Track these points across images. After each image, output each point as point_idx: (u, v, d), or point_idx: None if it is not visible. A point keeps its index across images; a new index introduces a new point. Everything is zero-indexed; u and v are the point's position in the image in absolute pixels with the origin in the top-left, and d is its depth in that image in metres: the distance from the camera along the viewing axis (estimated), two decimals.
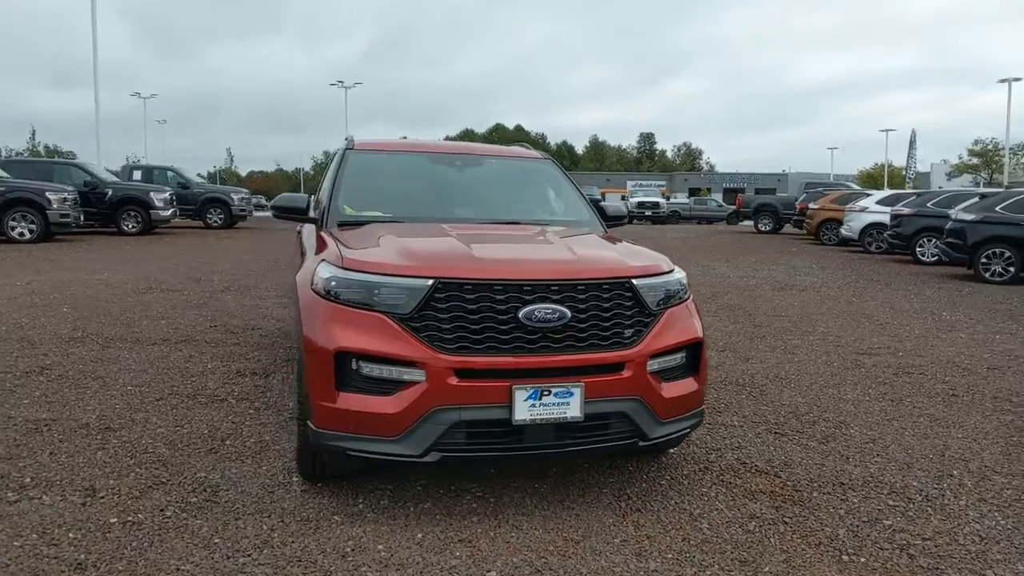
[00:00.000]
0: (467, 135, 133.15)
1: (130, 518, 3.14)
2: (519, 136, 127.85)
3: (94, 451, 3.89)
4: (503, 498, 3.44)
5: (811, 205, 22.45)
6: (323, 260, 3.40)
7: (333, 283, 3.20)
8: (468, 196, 4.70)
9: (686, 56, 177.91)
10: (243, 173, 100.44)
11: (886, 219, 18.13)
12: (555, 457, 3.41)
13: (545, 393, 3.05)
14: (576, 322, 3.14)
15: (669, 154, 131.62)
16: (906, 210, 16.38)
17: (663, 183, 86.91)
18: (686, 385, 3.44)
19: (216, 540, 2.98)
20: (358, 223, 4.10)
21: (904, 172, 42.58)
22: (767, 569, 2.88)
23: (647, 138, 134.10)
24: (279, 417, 4.52)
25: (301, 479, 3.57)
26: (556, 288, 3.15)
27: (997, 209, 12.65)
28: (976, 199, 13.60)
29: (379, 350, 3.02)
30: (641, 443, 3.29)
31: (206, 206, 22.60)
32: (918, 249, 15.93)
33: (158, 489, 3.44)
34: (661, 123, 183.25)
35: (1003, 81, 38.16)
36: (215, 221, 22.67)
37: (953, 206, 15.21)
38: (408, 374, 3.02)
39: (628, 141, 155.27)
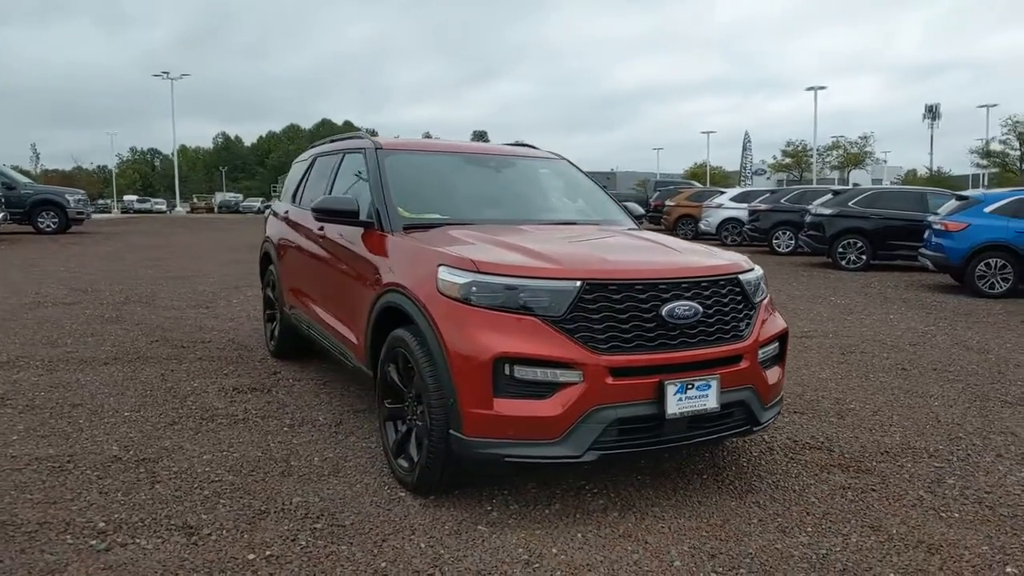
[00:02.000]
0: (293, 130, 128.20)
1: (268, 552, 2.88)
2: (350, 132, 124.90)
3: (150, 485, 3.49)
4: (620, 493, 3.51)
5: (667, 202, 24.00)
6: (442, 264, 3.28)
7: (474, 288, 3.11)
8: (515, 197, 4.67)
9: (516, 56, 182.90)
10: (35, 171, 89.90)
11: (740, 214, 19.82)
12: (687, 446, 3.52)
13: (689, 387, 3.17)
14: (705, 317, 3.28)
15: None
16: (763, 206, 18.02)
17: None
18: (777, 373, 3.68)
19: (383, 564, 2.81)
20: (424, 226, 3.97)
21: (740, 171, 46.55)
22: (894, 531, 3.18)
23: (480, 136, 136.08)
24: (323, 433, 4.27)
25: (412, 494, 3.42)
26: (686, 286, 3.27)
27: (850, 204, 14.28)
28: (830, 196, 15.23)
29: (539, 353, 2.99)
30: (754, 428, 3.50)
31: (37, 209, 20.11)
32: (775, 241, 17.58)
33: (266, 518, 3.17)
34: (493, 121, 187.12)
35: (810, 89, 42.83)
36: (48, 226, 20.21)
37: (803, 202, 16.94)
38: (565, 375, 3.01)
39: (461, 139, 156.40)
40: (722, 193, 23.00)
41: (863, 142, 59.73)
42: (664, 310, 3.16)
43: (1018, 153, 49.18)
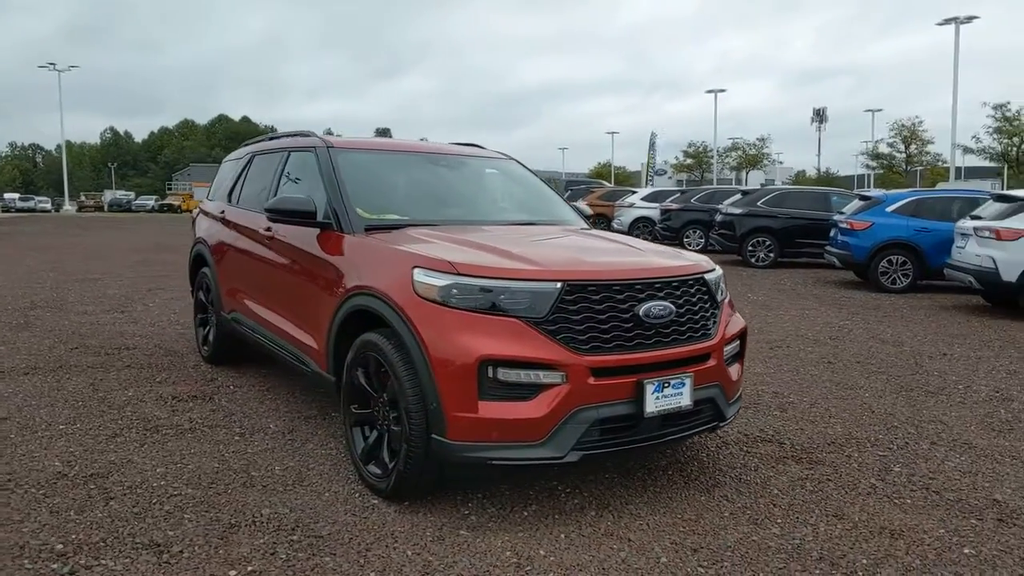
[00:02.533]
0: (187, 125, 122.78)
1: (249, 568, 2.75)
2: (249, 129, 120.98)
3: (104, 502, 3.27)
4: (593, 492, 3.54)
5: (580, 202, 24.39)
6: (417, 266, 3.21)
7: (454, 290, 3.07)
8: (471, 197, 4.63)
9: (420, 52, 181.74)
10: None
11: (652, 214, 20.38)
12: (660, 445, 3.58)
13: (665, 385, 3.23)
14: (678, 317, 3.36)
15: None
16: (675, 205, 18.61)
17: None
18: (738, 370, 3.81)
19: (371, 574, 2.73)
20: (386, 227, 3.89)
21: (647, 171, 47.81)
22: (856, 519, 3.34)
23: (384, 133, 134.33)
24: (277, 441, 4.11)
25: (385, 502, 3.34)
26: (659, 286, 3.34)
27: (759, 204, 14.93)
28: (739, 196, 15.87)
29: (523, 355, 2.98)
30: (720, 424, 3.61)
31: None
32: (685, 239, 18.16)
33: (238, 532, 3.02)
34: (396, 119, 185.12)
35: (710, 92, 44.48)
36: None
37: (712, 202, 17.59)
38: (548, 377, 3.01)
39: (365, 135, 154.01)
40: (633, 193, 23.59)
41: (761, 144, 62.76)
42: (641, 310, 3.21)
43: (903, 155, 52.77)
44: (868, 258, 11.37)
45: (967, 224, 9.57)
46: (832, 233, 12.34)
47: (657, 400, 3.20)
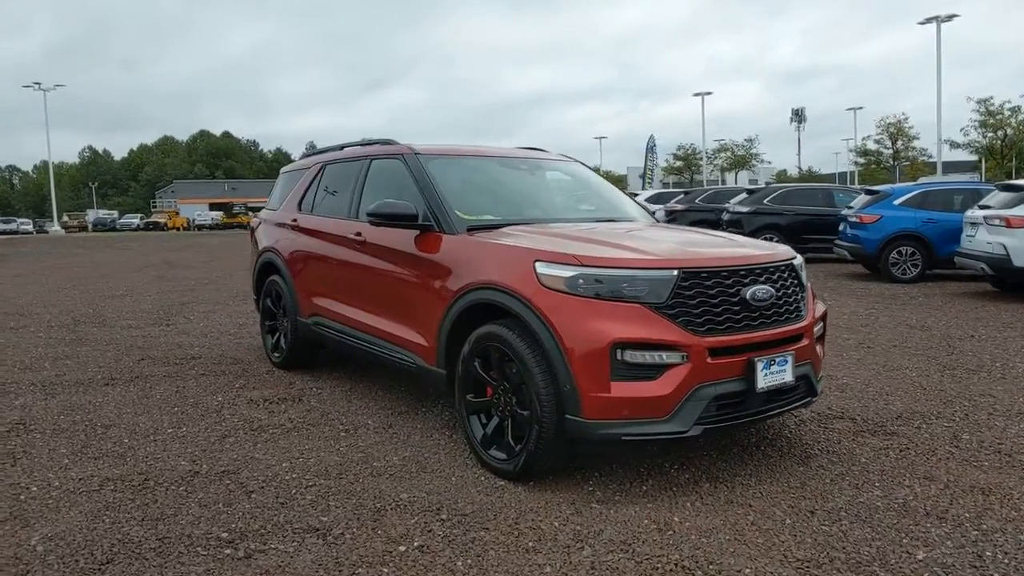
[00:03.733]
0: (168, 142, 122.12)
1: (416, 543, 2.96)
2: (231, 144, 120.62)
3: (246, 495, 3.45)
4: (700, 467, 3.78)
5: None
6: (538, 260, 3.45)
7: (581, 280, 3.30)
8: (551, 197, 4.88)
9: (408, 63, 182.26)
10: None
11: (656, 215, 20.67)
12: (766, 419, 3.81)
13: (772, 362, 3.49)
14: (776, 300, 3.61)
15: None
16: (680, 206, 18.97)
17: None
18: (822, 350, 4.07)
19: (529, 543, 2.95)
20: (486, 227, 4.12)
21: (645, 174, 48.42)
22: (946, 479, 3.61)
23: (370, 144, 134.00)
24: (382, 436, 4.31)
25: (512, 483, 3.56)
26: (759, 271, 3.60)
27: (765, 202, 15.31)
28: (744, 194, 16.25)
29: (649, 337, 3.22)
30: (812, 399, 3.86)
31: None
32: None
33: (386, 515, 3.22)
34: (382, 130, 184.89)
35: (697, 95, 45.18)
36: None
37: (716, 202, 17.96)
38: (672, 357, 3.25)
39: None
40: (636, 195, 23.93)
41: (748, 144, 63.68)
42: (747, 294, 3.47)
43: (890, 151, 53.76)
44: (879, 250, 11.73)
45: (977, 213, 9.94)
46: (841, 227, 12.70)
47: (766, 376, 3.45)
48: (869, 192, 12.86)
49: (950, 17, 26.74)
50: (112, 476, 3.67)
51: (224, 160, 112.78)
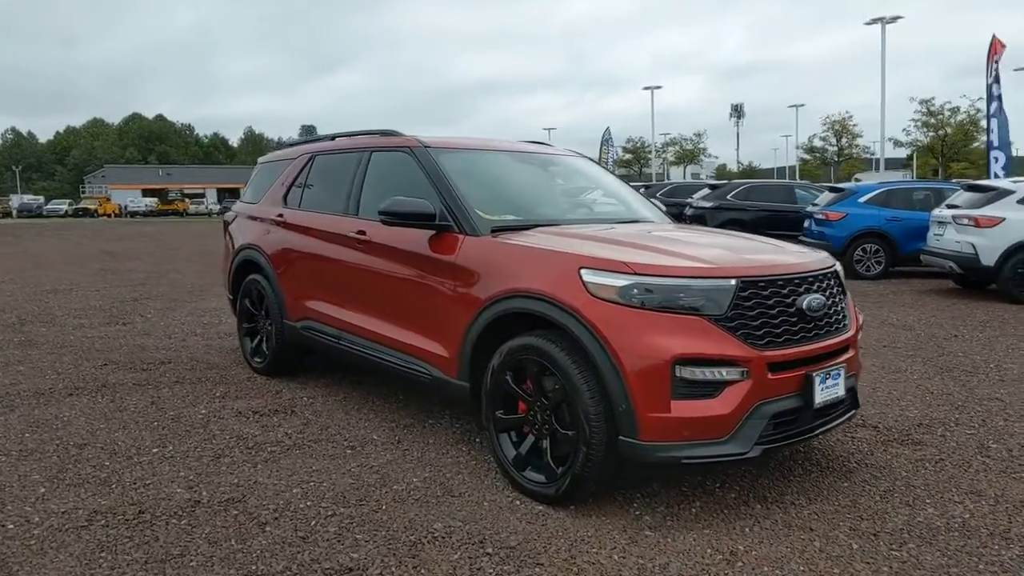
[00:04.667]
0: (97, 125, 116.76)
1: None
2: (164, 128, 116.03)
3: (259, 528, 3.10)
4: (744, 486, 3.58)
5: None
6: (583, 267, 3.18)
7: (635, 290, 3.05)
8: (569, 195, 4.60)
9: (357, 47, 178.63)
10: None
11: None
12: (817, 436, 3.60)
13: (827, 376, 3.30)
14: (827, 309, 3.43)
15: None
16: None
17: None
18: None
19: (585, 566, 2.69)
20: (511, 228, 3.83)
21: (603, 167, 48.38)
22: (993, 494, 3.49)
23: (309, 131, 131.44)
24: (393, 453, 3.98)
25: (551, 508, 3.29)
26: (811, 280, 3.40)
27: (729, 197, 15.37)
28: (707, 190, 16.28)
29: (712, 352, 2.99)
30: (856, 412, 3.71)
31: None
32: None
33: (424, 549, 2.92)
34: (324, 115, 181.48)
35: (647, 88, 45.34)
36: None
37: (676, 196, 17.98)
38: (732, 373, 3.03)
39: (289, 133, 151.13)
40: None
41: (697, 139, 64.56)
42: (804, 303, 3.27)
43: (835, 148, 55.25)
44: (844, 247, 11.85)
45: (945, 213, 10.10)
46: (807, 224, 12.80)
47: (822, 391, 3.27)
48: (834, 190, 12.99)
49: (895, 19, 27.52)
50: (100, 508, 3.25)
51: (157, 144, 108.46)
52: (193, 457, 3.88)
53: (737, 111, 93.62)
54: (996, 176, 14.39)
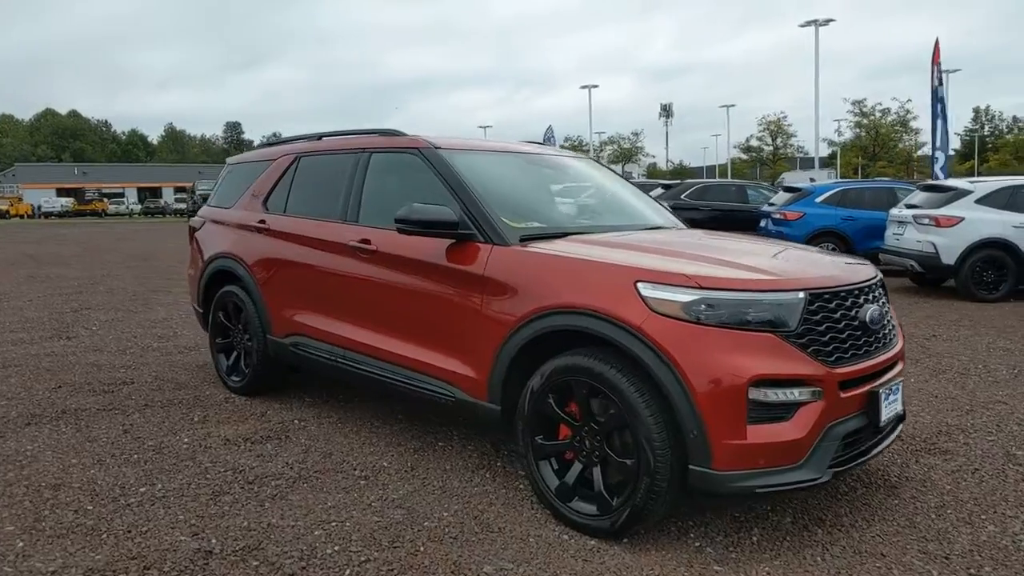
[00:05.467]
0: (6, 121, 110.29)
1: None
2: (79, 124, 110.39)
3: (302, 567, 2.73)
4: (796, 509, 3.40)
5: None
6: (640, 280, 2.92)
7: (703, 305, 2.81)
8: (592, 200, 4.37)
9: (281, 43, 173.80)
10: None
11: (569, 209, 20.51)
12: (878, 455, 3.41)
13: (889, 392, 3.15)
14: (884, 321, 3.28)
15: (258, 144, 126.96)
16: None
17: None
18: None
19: None
20: (542, 237, 3.54)
21: None
22: None
23: (234, 127, 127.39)
24: (412, 484, 3.65)
25: (604, 541, 3.02)
26: (867, 290, 3.24)
27: (683, 197, 15.42)
28: (661, 190, 16.30)
29: (789, 372, 2.78)
30: (902, 426, 3.57)
31: None
32: None
33: None
34: (248, 112, 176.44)
35: (585, 87, 45.60)
36: None
37: None
38: (805, 393, 2.83)
39: (212, 130, 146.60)
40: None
41: (635, 138, 65.45)
42: (866, 316, 3.10)
43: (771, 148, 56.79)
44: None
45: (904, 212, 10.29)
46: (763, 223, 12.92)
47: (886, 408, 3.11)
48: (790, 189, 13.15)
49: (827, 21, 28.43)
50: (96, 565, 2.82)
51: (72, 142, 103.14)
52: (189, 496, 3.45)
53: (666, 110, 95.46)
54: (938, 176, 14.88)
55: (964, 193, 9.75)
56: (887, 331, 3.29)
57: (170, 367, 5.93)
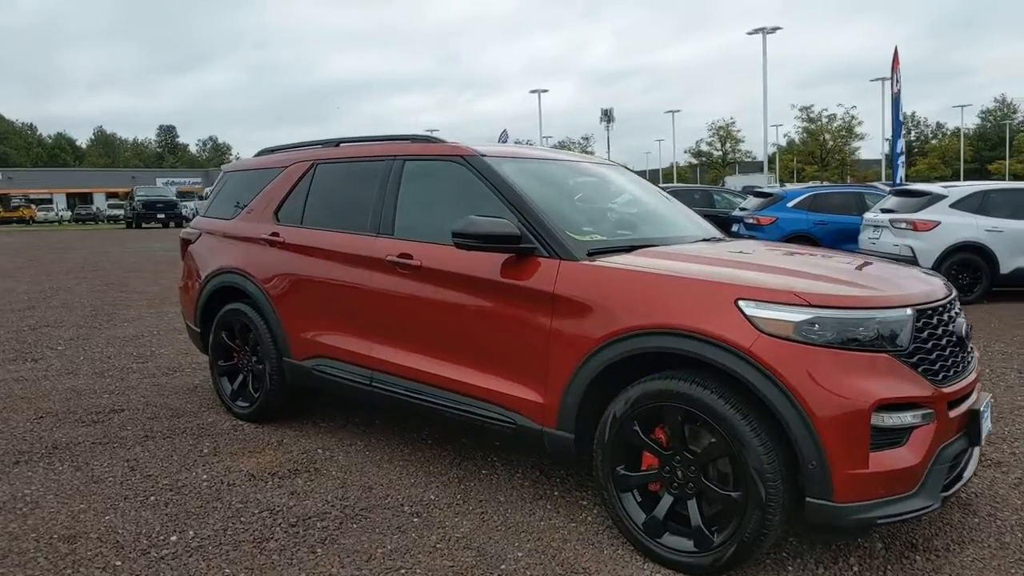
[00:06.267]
0: None
1: None
2: (1, 128, 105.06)
3: None
4: (877, 543, 3.25)
5: None
6: (741, 298, 2.72)
7: (816, 325, 2.62)
8: (640, 211, 4.12)
9: (219, 45, 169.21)
10: None
11: None
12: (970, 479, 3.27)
13: (986, 409, 3.03)
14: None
15: (193, 149, 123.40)
16: None
17: (198, 180, 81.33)
18: None
19: None
20: (609, 250, 3.32)
21: None
22: None
23: (168, 131, 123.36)
24: (466, 517, 3.38)
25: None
26: (951, 304, 3.12)
27: None
28: None
29: (907, 394, 2.62)
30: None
31: None
32: None
33: None
34: (183, 115, 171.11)
35: (534, 92, 45.61)
36: None
37: None
38: (918, 416, 2.67)
39: (145, 134, 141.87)
40: None
41: (585, 143, 65.77)
42: (962, 331, 2.98)
43: (720, 152, 57.85)
44: None
45: (880, 217, 10.44)
46: (736, 228, 12.98)
47: (984, 426, 2.99)
48: (760, 194, 13.26)
49: (774, 29, 29.08)
50: None
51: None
52: (228, 544, 3.10)
53: (607, 115, 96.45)
54: (900, 180, 15.25)
55: (939, 198, 9.95)
56: (969, 346, 3.18)
57: (159, 391, 5.48)
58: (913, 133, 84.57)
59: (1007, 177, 57.81)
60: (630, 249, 3.37)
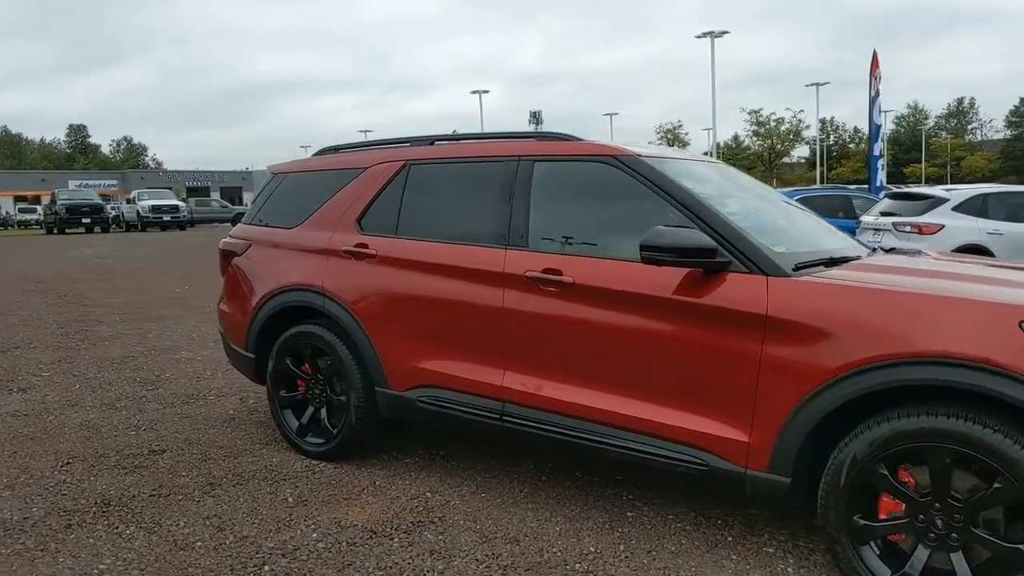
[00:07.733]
0: None
1: None
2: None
3: None
4: None
5: None
6: None
7: None
8: (784, 218, 3.73)
9: (133, 43, 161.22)
10: None
11: None
12: None
13: None
14: None
15: (106, 149, 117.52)
16: None
17: (114, 182, 77.57)
18: None
19: None
20: (812, 264, 2.93)
21: None
22: None
23: (78, 130, 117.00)
24: (649, 573, 2.91)
25: None
26: None
27: None
28: None
29: None
30: None
31: None
32: None
33: None
34: (94, 114, 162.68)
35: (475, 92, 45.12)
36: None
37: None
38: None
39: (54, 134, 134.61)
40: None
41: None
42: None
43: None
44: None
45: (882, 220, 10.44)
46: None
47: None
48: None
49: (722, 33, 29.55)
50: None
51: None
52: None
53: (536, 118, 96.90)
54: (881, 183, 15.49)
55: (941, 201, 10.02)
56: None
57: (191, 425, 4.78)
58: (832, 137, 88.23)
59: (922, 180, 60.74)
60: (830, 263, 2.98)
